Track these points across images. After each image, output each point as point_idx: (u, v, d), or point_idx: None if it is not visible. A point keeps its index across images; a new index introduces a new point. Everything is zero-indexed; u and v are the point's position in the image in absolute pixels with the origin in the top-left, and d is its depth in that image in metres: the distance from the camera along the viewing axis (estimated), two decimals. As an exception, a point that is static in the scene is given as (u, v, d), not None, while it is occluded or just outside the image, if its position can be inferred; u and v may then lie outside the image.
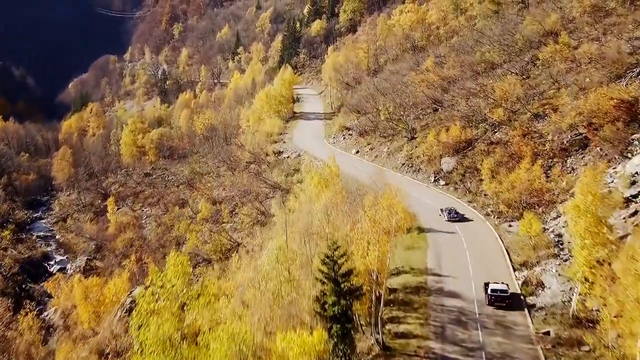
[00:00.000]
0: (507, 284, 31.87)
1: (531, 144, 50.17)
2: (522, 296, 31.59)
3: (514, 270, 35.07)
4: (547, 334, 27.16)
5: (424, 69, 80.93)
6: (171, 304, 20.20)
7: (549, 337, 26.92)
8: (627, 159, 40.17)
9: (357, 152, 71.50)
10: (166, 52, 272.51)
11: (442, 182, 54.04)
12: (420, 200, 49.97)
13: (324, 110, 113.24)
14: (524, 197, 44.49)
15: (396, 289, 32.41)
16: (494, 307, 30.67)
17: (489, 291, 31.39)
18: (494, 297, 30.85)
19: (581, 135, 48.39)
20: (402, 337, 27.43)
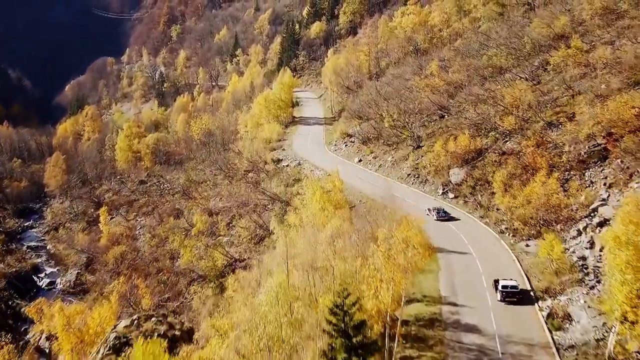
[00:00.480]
0: (516, 280, 33.37)
1: (546, 155, 47.21)
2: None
3: (537, 299, 32.04)
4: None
5: (429, 73, 77.96)
6: None
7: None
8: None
9: (360, 160, 68.48)
10: (164, 54, 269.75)
11: (450, 195, 51.02)
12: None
13: (324, 114, 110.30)
14: (541, 213, 41.55)
15: (408, 321, 29.38)
16: (506, 302, 31.94)
17: (499, 288, 32.70)
18: (505, 293, 32.25)
19: (600, 146, 45.39)
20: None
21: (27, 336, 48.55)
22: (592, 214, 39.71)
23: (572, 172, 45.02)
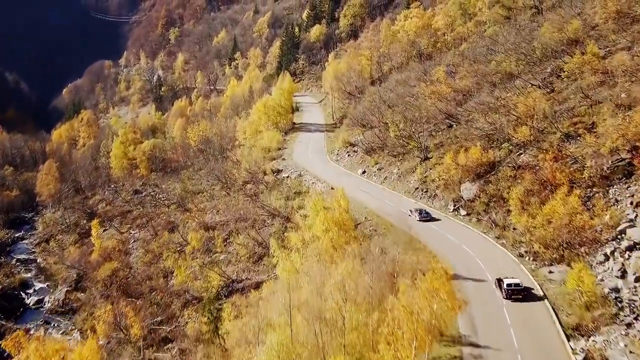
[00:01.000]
0: (519, 278, 34.81)
1: (566, 170, 44.02)
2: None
3: (568, 338, 28.78)
4: None
5: (435, 79, 74.77)
6: None
7: None
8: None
9: (364, 172, 65.20)
10: (162, 57, 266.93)
11: (462, 212, 47.73)
12: (440, 235, 43.82)
13: (325, 120, 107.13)
14: (564, 235, 38.33)
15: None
16: (511, 300, 33.05)
17: (504, 286, 33.83)
18: (510, 291, 33.43)
19: (624, 161, 42.28)
20: None
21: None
22: (620, 237, 36.51)
23: (594, 189, 41.82)
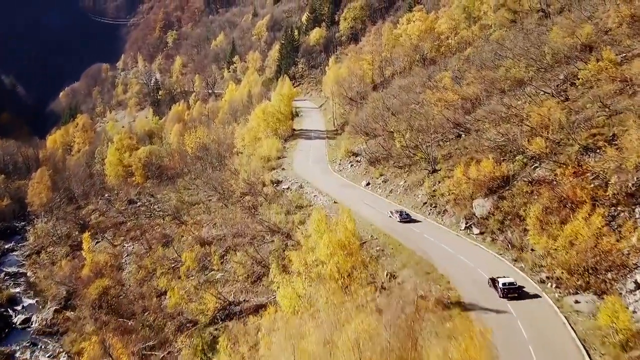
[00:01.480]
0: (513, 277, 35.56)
1: (587, 186, 41.04)
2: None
3: (604, 384, 25.75)
4: None
5: (442, 86, 71.82)
6: None
7: None
8: None
9: (368, 184, 62.13)
10: (159, 61, 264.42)
11: (475, 231, 44.67)
12: (455, 258, 40.72)
13: (325, 127, 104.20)
14: (589, 259, 35.31)
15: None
16: (507, 299, 33.94)
17: (500, 286, 34.70)
18: (506, 290, 34.28)
19: (651, 177, 39.37)
20: None
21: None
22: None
23: (619, 208, 38.82)
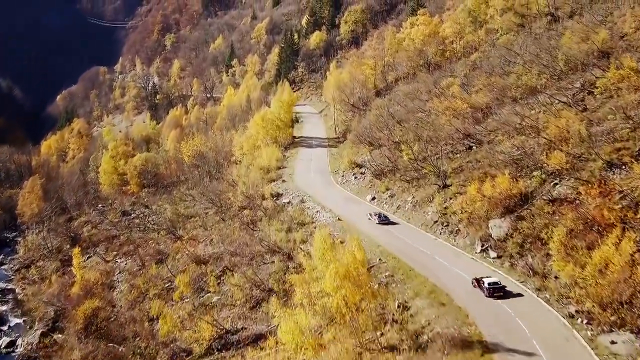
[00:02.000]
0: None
1: (615, 207, 37.69)
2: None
3: None
4: None
5: (450, 93, 68.52)
6: None
7: None
8: None
9: (374, 198, 58.69)
10: (157, 64, 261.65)
11: (492, 254, 41.26)
12: (467, 282, 37.36)
13: (327, 134, 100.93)
14: (623, 291, 31.93)
15: None
16: (494, 298, 35.37)
17: (485, 286, 36.12)
18: (492, 290, 35.80)
19: (686, 198, 36.13)
20: None
21: None
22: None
23: (651, 232, 35.55)
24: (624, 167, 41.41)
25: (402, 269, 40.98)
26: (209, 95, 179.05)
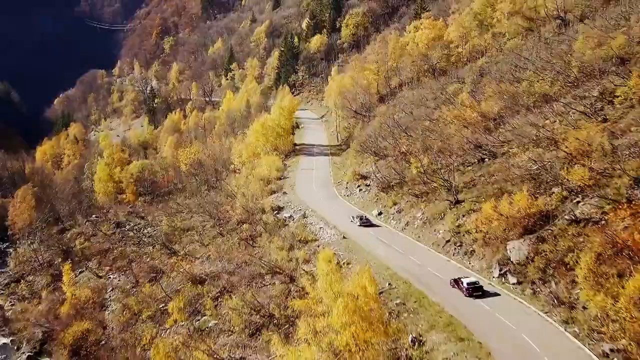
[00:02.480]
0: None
1: (647, 230, 34.52)
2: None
3: None
4: None
5: (459, 102, 65.45)
6: None
7: None
8: None
9: (380, 213, 55.50)
10: (156, 67, 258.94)
11: (512, 280, 37.99)
12: (492, 317, 34.09)
13: (328, 141, 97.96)
14: (663, 328, 28.78)
15: None
16: (473, 297, 36.13)
17: (464, 286, 36.96)
18: (471, 289, 36.62)
19: None
20: None
21: None
22: None
23: (688, 259, 32.42)
24: (653, 185, 38.28)
25: (414, 295, 37.75)
26: (207, 99, 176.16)
